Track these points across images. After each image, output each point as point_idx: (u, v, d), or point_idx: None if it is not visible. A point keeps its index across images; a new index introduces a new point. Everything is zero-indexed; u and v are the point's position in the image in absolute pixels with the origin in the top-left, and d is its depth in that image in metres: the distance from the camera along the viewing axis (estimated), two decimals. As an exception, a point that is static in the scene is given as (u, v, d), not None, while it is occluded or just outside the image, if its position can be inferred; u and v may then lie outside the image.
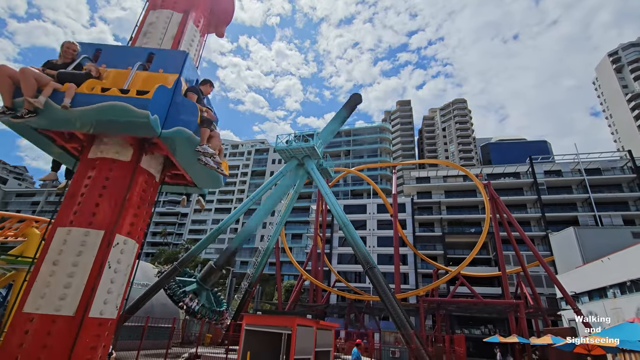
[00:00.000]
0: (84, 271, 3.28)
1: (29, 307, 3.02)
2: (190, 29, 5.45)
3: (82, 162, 4.13)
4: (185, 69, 4.36)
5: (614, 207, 50.04)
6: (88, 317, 3.17)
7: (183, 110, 4.05)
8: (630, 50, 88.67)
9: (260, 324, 7.32)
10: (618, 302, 26.22)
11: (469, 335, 39.75)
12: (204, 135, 4.27)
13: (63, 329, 2.93)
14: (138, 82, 4.06)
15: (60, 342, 2.89)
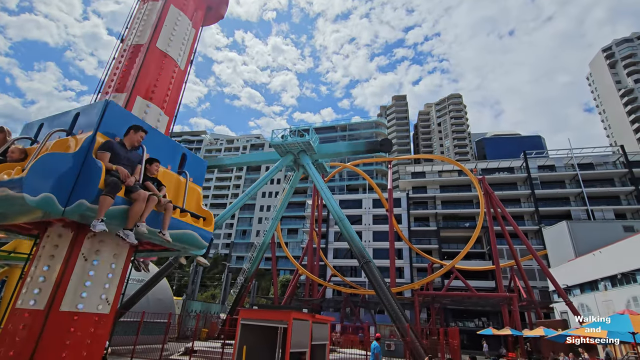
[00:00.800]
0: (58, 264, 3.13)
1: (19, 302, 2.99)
2: (172, 17, 4.94)
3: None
4: (105, 123, 3.46)
5: (606, 202, 50.71)
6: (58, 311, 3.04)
7: (86, 177, 3.18)
8: (623, 45, 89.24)
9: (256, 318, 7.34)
10: (609, 294, 26.69)
11: (463, 327, 40.27)
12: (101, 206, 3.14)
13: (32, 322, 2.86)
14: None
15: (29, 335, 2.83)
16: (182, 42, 4.98)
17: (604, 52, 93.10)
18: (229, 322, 22.31)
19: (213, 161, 27.55)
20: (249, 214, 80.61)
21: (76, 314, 3.12)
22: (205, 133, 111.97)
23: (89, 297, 3.24)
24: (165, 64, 4.71)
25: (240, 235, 79.69)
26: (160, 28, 4.74)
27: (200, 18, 5.56)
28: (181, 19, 4.98)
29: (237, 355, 6.62)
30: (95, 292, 3.30)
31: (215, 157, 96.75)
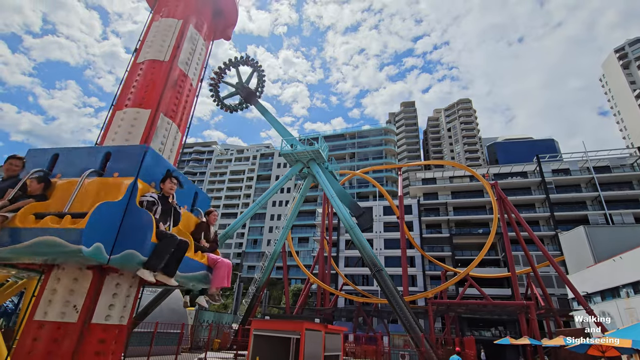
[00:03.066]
0: None
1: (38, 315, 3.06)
2: (191, 37, 5.07)
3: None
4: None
5: (624, 205, 49.22)
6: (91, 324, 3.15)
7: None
8: (637, 45, 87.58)
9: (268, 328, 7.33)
10: (632, 301, 25.74)
11: (479, 337, 39.26)
12: None
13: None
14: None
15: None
16: (197, 61, 5.13)
17: (616, 53, 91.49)
18: (241, 333, 22.25)
19: (262, 108, 28.85)
20: (259, 223, 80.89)
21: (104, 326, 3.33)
22: (216, 144, 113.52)
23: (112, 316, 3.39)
24: (184, 83, 4.86)
25: (252, 244, 79.90)
26: (181, 48, 4.90)
27: (210, 35, 5.72)
28: (197, 39, 5.13)
29: (250, 366, 6.61)
30: (116, 314, 3.44)
31: (226, 167, 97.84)
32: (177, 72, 4.79)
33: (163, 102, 4.46)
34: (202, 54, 5.42)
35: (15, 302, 14.95)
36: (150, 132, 4.16)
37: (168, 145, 4.40)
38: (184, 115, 4.83)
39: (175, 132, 4.56)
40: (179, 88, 4.74)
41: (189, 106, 5.00)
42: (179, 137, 4.67)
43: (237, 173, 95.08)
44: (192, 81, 5.07)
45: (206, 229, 3.89)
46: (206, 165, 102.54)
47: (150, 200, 3.29)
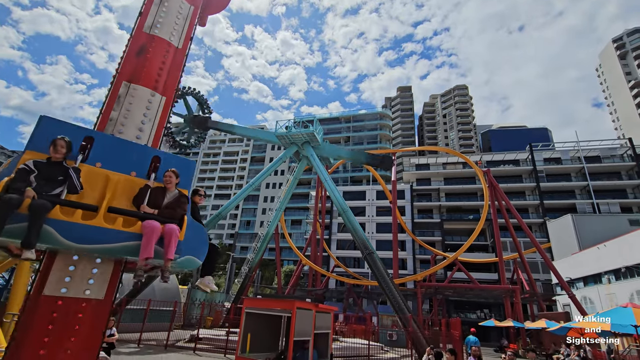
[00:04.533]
0: None
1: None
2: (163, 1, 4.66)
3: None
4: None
5: (612, 195, 50.26)
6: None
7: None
8: (635, 36, 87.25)
9: (260, 307, 7.45)
10: (612, 287, 26.68)
11: (465, 319, 40.54)
12: None
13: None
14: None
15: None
16: (174, 21, 4.81)
17: (614, 43, 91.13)
18: (233, 311, 22.65)
19: (225, 126, 28.06)
20: (253, 204, 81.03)
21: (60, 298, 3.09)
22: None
23: None
24: (155, 44, 4.51)
25: (245, 225, 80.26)
26: (147, 12, 4.62)
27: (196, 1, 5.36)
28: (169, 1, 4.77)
29: (241, 342, 6.74)
30: None
31: (220, 148, 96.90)
32: (142, 37, 4.50)
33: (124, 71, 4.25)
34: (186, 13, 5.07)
35: (7, 278, 14.93)
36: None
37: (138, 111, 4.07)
38: (161, 78, 4.48)
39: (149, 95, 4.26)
40: (146, 52, 4.42)
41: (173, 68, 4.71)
42: (160, 100, 4.37)
43: (230, 154, 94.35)
44: (173, 42, 4.75)
45: (158, 193, 3.34)
46: (199, 145, 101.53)
47: (22, 168, 2.92)
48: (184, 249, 3.22)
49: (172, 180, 3.46)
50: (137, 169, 3.40)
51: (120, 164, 3.33)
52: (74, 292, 2.94)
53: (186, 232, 3.26)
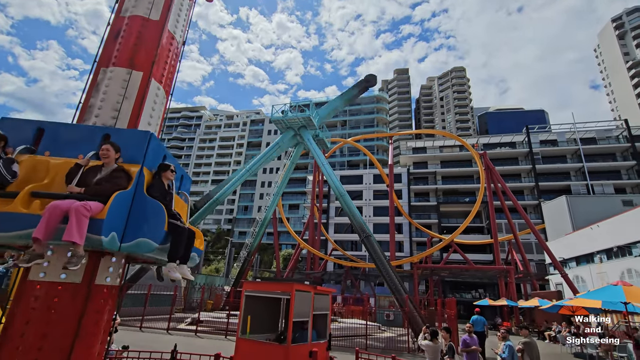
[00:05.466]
0: None
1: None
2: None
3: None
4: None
5: (606, 176, 50.74)
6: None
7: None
8: (634, 15, 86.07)
9: (260, 289, 7.56)
10: (604, 266, 27.30)
11: (460, 299, 41.50)
12: None
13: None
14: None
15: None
16: (183, 19, 4.77)
17: (613, 22, 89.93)
18: (233, 294, 23.02)
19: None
20: (250, 190, 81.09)
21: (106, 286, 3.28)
22: (205, 109, 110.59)
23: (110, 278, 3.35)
24: (172, 45, 4.54)
25: (242, 211, 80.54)
26: (172, 6, 4.49)
27: None
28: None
29: (242, 324, 6.88)
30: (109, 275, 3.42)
31: (216, 133, 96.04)
32: (167, 33, 4.48)
33: (155, 66, 4.19)
34: (188, 10, 5.07)
35: (6, 265, 15.02)
36: (144, 98, 3.94)
37: (157, 111, 4.19)
38: (169, 80, 4.57)
39: (163, 98, 4.32)
40: (167, 51, 4.46)
41: (174, 69, 4.74)
42: (165, 102, 4.45)
43: (227, 139, 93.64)
44: (178, 42, 4.78)
45: (92, 171, 3.11)
46: (195, 131, 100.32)
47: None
48: (131, 232, 2.92)
49: (110, 155, 3.11)
50: (85, 151, 3.27)
51: (67, 149, 3.26)
52: (50, 277, 2.97)
53: (136, 211, 2.97)
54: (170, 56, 4.44)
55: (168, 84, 4.52)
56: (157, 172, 3.40)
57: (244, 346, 6.58)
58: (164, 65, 4.26)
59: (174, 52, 4.51)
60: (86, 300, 3.01)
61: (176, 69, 4.90)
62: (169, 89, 4.58)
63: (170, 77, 4.61)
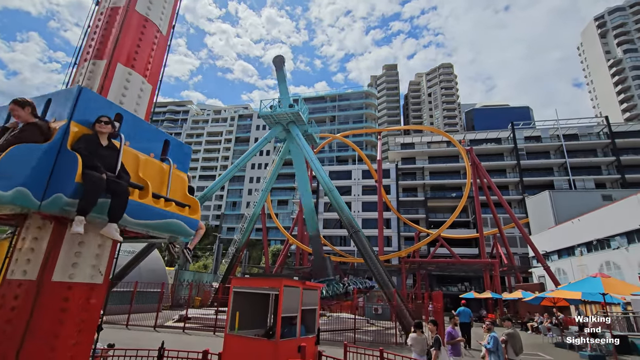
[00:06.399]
0: None
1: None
2: None
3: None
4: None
5: (587, 172, 52.22)
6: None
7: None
8: (616, 14, 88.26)
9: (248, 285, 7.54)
10: (584, 259, 28.17)
11: (446, 292, 42.28)
12: None
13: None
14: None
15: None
16: (162, 5, 4.65)
17: (596, 21, 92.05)
18: (221, 291, 22.90)
19: None
20: (238, 185, 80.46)
21: (69, 284, 3.14)
22: (192, 103, 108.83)
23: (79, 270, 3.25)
24: (147, 29, 4.41)
25: (231, 206, 79.93)
26: None
27: None
28: None
29: (230, 320, 6.86)
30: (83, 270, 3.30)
31: (203, 128, 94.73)
32: (136, 16, 4.34)
33: (120, 52, 4.08)
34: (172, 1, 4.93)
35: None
36: (105, 84, 3.85)
37: (132, 97, 4.07)
38: (152, 66, 4.43)
39: (141, 83, 4.20)
40: (140, 35, 4.30)
41: (159, 56, 4.61)
42: (148, 88, 4.32)
43: (214, 134, 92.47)
44: (161, 28, 4.63)
45: None
46: (181, 126, 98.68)
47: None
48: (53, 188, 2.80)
49: (19, 114, 3.03)
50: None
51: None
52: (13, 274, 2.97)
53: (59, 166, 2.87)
54: (148, 41, 4.30)
55: (154, 78, 4.41)
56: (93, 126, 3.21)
57: (232, 342, 6.57)
58: (136, 49, 4.13)
59: (151, 40, 4.36)
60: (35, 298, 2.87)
61: (163, 62, 4.78)
62: (155, 81, 4.46)
63: (156, 70, 4.51)
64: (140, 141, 3.53)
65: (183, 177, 3.85)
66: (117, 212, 2.98)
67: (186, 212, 3.62)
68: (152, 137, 3.66)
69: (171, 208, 3.43)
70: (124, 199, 3.02)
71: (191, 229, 3.65)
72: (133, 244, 23.28)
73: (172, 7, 4.84)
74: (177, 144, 3.98)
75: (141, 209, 3.17)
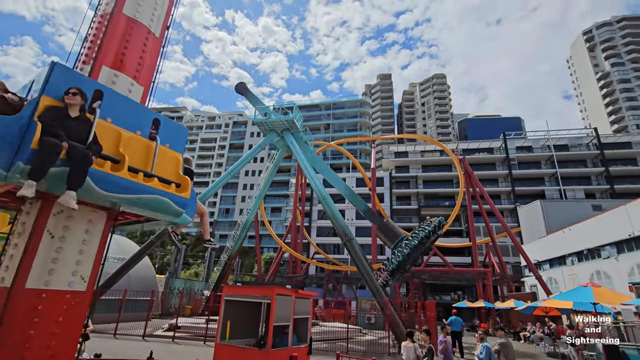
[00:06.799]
0: None
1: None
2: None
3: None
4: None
5: (577, 182, 53.02)
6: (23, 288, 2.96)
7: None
8: (603, 29, 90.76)
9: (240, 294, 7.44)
10: (575, 268, 28.40)
11: (439, 301, 42.21)
12: None
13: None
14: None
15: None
16: (153, 6, 4.68)
17: (584, 35, 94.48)
18: (212, 299, 22.57)
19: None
20: (232, 192, 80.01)
21: (44, 291, 3.03)
22: (186, 109, 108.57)
23: (57, 274, 3.14)
24: (135, 31, 4.42)
25: (224, 213, 79.31)
26: None
27: None
28: None
29: (221, 330, 6.74)
30: (65, 269, 3.19)
31: (197, 134, 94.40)
32: (123, 19, 4.38)
33: (104, 54, 4.12)
34: (166, 6, 4.96)
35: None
36: None
37: None
38: (144, 68, 4.44)
39: (129, 84, 4.21)
40: (127, 37, 4.32)
41: (151, 58, 4.61)
42: (139, 90, 4.32)
43: (208, 141, 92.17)
44: (153, 30, 4.64)
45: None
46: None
47: None
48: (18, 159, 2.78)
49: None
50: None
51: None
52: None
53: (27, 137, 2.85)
54: (137, 43, 4.31)
55: (146, 79, 4.41)
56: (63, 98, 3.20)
57: (223, 352, 6.44)
58: (123, 51, 4.16)
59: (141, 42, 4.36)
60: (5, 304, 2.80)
61: (157, 63, 4.78)
62: (147, 83, 4.46)
63: (148, 72, 4.49)
64: (125, 118, 3.48)
65: (176, 156, 3.79)
66: (75, 179, 2.90)
67: (172, 189, 3.52)
68: (139, 115, 3.62)
69: (153, 183, 3.35)
70: (82, 166, 2.94)
71: (180, 207, 3.54)
72: (124, 252, 22.92)
73: (166, 9, 4.86)
74: (170, 124, 3.94)
75: (112, 181, 3.09)
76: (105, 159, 3.15)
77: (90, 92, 3.32)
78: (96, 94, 3.39)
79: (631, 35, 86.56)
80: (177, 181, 3.62)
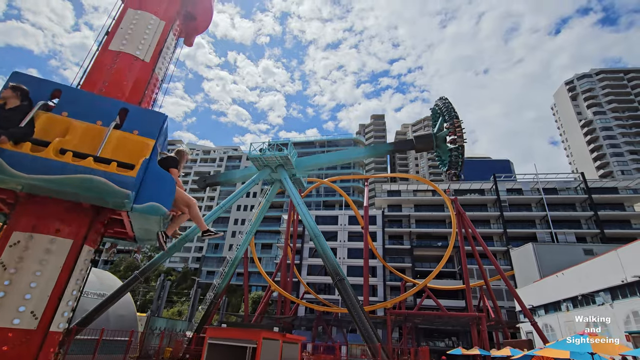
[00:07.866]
0: None
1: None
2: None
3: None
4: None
5: (568, 225, 53.42)
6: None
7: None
8: (584, 80, 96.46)
9: (224, 337, 7.08)
10: (571, 315, 27.77)
11: (433, 347, 40.45)
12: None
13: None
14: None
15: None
16: (142, 35, 5.05)
17: (566, 85, 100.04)
18: (195, 341, 21.34)
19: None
20: (222, 227, 78.68)
21: None
22: (182, 142, 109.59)
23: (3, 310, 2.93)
24: (119, 59, 4.88)
25: (212, 249, 77.40)
26: (115, 31, 5.02)
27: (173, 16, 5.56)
28: (139, 17, 5.09)
29: (201, 377, 6.32)
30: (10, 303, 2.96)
31: (191, 167, 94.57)
32: (108, 53, 4.94)
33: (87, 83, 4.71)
34: (156, 28, 5.38)
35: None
36: None
37: None
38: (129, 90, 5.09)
39: None
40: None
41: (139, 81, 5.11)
42: None
43: (202, 174, 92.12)
44: (140, 56, 5.12)
45: None
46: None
47: None
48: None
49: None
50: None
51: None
52: None
53: None
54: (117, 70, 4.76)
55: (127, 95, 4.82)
56: None
57: (201, 403, 5.97)
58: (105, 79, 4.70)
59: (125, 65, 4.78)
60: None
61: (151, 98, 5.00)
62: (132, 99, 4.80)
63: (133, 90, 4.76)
64: (83, 111, 3.82)
65: (142, 140, 3.80)
66: None
67: (112, 168, 3.41)
68: (100, 107, 3.92)
69: (84, 162, 3.35)
70: None
71: (121, 187, 3.40)
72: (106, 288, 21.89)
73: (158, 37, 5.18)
74: (140, 112, 4.16)
75: (30, 160, 3.23)
76: (37, 144, 3.42)
77: (47, 91, 3.81)
78: (55, 92, 3.85)
79: (610, 87, 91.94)
80: (130, 162, 3.59)
